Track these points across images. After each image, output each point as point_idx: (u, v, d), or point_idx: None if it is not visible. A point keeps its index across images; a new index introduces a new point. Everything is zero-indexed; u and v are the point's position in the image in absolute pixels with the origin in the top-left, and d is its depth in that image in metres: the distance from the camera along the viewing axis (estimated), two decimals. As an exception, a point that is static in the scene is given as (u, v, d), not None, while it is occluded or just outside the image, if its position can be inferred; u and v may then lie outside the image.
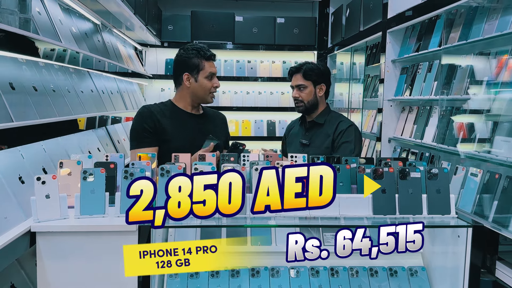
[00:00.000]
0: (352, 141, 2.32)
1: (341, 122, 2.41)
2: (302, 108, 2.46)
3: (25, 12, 1.77)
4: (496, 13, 2.17)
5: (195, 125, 2.13)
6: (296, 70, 2.48)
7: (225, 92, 5.23)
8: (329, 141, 2.36)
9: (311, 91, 2.44)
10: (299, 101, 2.45)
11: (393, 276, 1.57)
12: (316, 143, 2.41)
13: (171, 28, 5.06)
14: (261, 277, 1.54)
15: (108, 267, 1.35)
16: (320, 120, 2.45)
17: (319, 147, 2.36)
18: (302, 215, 1.39)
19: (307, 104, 2.44)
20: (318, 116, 2.47)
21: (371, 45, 4.01)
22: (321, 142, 2.39)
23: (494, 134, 2.06)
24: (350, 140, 2.33)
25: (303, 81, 2.43)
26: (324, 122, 2.45)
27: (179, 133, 2.06)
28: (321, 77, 2.46)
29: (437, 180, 1.43)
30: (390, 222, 1.40)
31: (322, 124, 2.45)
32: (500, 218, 1.82)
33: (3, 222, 1.35)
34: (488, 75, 2.21)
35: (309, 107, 2.45)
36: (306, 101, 2.43)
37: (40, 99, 1.93)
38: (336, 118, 2.47)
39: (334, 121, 2.43)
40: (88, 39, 2.74)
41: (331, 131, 2.39)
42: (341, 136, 2.34)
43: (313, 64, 2.49)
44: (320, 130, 2.44)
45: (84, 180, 1.37)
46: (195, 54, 2.08)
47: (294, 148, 2.50)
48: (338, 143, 2.33)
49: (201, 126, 2.16)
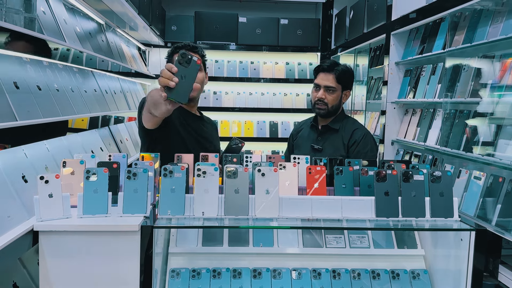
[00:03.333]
0: (368, 152, 2.21)
1: (356, 130, 2.28)
2: (324, 111, 2.27)
3: (30, 12, 1.78)
4: (501, 16, 2.17)
5: (198, 125, 2.13)
6: (329, 68, 2.26)
7: (228, 93, 5.24)
8: (343, 148, 2.24)
9: (338, 96, 2.27)
10: (324, 103, 2.26)
11: (395, 278, 1.57)
12: (330, 149, 2.27)
13: (175, 29, 5.07)
14: (262, 278, 1.54)
15: (110, 267, 1.35)
16: (335, 126, 2.30)
17: (333, 155, 2.23)
18: (304, 216, 1.39)
19: (330, 108, 2.27)
20: (333, 121, 2.32)
21: (374, 47, 4.01)
22: (335, 149, 2.26)
23: (498, 137, 2.06)
24: (366, 151, 2.21)
25: (335, 83, 2.25)
26: (339, 128, 2.30)
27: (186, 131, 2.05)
28: (350, 83, 2.31)
29: (440, 183, 1.42)
30: (393, 225, 1.40)
31: (337, 130, 2.30)
32: (504, 222, 1.82)
33: (6, 221, 1.36)
34: (492, 78, 2.20)
35: (331, 111, 2.28)
36: (331, 105, 2.26)
37: (44, 99, 1.94)
38: (351, 124, 2.33)
39: (349, 128, 2.29)
40: (92, 39, 2.74)
41: (346, 139, 2.26)
42: (357, 145, 2.23)
43: (344, 66, 2.31)
44: (334, 136, 2.30)
45: (87, 179, 1.38)
46: (173, 50, 2.05)
47: (304, 153, 2.36)
48: (353, 152, 2.22)
49: (202, 127, 2.16)
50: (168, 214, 1.36)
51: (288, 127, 5.24)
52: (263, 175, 1.38)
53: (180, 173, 1.37)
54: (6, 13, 1.55)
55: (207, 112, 2.51)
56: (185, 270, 1.52)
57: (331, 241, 1.61)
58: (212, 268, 1.54)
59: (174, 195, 1.37)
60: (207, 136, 2.15)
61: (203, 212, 1.37)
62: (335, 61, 2.34)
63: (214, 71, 5.16)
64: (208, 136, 2.16)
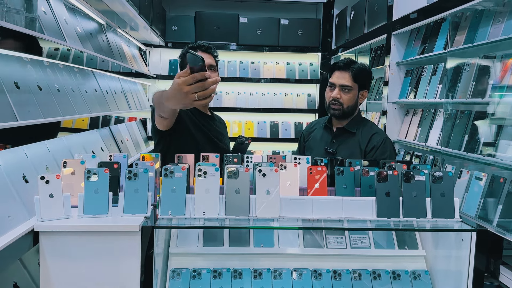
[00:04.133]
0: (387, 159, 2.01)
1: (375, 135, 2.14)
2: (339, 112, 2.14)
3: (31, 12, 1.77)
4: (502, 17, 2.17)
5: (210, 125, 2.14)
6: (346, 66, 2.14)
7: (228, 93, 5.24)
8: (359, 153, 2.11)
9: (354, 96, 2.14)
10: (339, 103, 2.13)
11: (396, 279, 1.57)
12: (345, 153, 2.13)
13: (175, 29, 5.07)
14: (263, 278, 1.53)
15: (111, 267, 1.35)
16: (351, 129, 2.16)
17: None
18: (305, 217, 1.39)
19: (346, 109, 2.13)
20: (350, 124, 2.18)
21: (375, 47, 4.00)
22: (350, 153, 2.11)
23: (499, 138, 2.06)
24: (385, 157, 2.08)
25: (351, 82, 2.12)
26: (356, 132, 2.16)
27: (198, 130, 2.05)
28: (368, 82, 2.18)
29: (441, 184, 1.42)
30: (394, 226, 1.40)
31: (354, 133, 2.16)
32: (505, 222, 1.81)
33: (6, 221, 1.35)
34: (494, 79, 2.20)
35: (346, 112, 2.15)
36: (346, 105, 2.13)
37: (44, 99, 1.94)
38: (370, 128, 2.19)
39: (367, 132, 2.15)
40: (92, 39, 2.74)
41: (363, 144, 2.12)
42: (375, 151, 2.09)
43: (361, 64, 2.18)
44: (351, 139, 2.16)
45: (87, 179, 1.37)
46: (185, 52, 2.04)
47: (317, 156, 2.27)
48: (372, 158, 2.08)
49: (214, 127, 2.17)
50: (168, 214, 1.36)
51: (289, 128, 5.24)
52: (264, 175, 1.38)
53: (181, 173, 1.37)
54: (7, 13, 1.55)
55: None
56: (185, 271, 1.52)
57: (332, 241, 1.61)
58: (212, 268, 1.53)
59: (174, 195, 1.37)
60: (219, 136, 2.15)
61: (203, 213, 1.37)
62: (351, 59, 2.21)
63: (215, 71, 5.15)
64: (219, 135, 2.17)
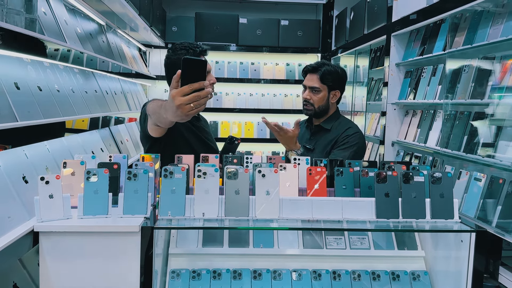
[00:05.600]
0: (348, 149, 2.15)
1: (348, 129, 2.25)
2: (311, 112, 2.29)
3: (31, 13, 1.78)
4: (501, 18, 2.17)
5: (199, 126, 2.14)
6: (313, 69, 2.27)
7: (228, 94, 5.24)
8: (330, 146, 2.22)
9: (324, 96, 2.26)
10: (310, 104, 2.27)
11: (396, 280, 1.57)
12: (320, 149, 2.26)
13: (175, 30, 5.07)
14: (263, 279, 1.53)
15: (111, 268, 1.35)
16: (327, 126, 2.29)
17: (322, 153, 2.23)
18: (304, 217, 1.39)
19: (317, 109, 2.27)
20: (326, 121, 2.31)
21: (375, 48, 4.01)
22: (324, 149, 2.24)
23: (498, 138, 2.06)
24: (348, 146, 2.16)
25: (318, 84, 2.24)
26: (330, 128, 2.28)
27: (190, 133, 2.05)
28: (337, 83, 2.27)
29: (440, 185, 1.42)
30: (393, 226, 1.40)
31: (329, 130, 2.29)
32: (504, 223, 1.82)
33: (6, 222, 1.36)
34: (493, 80, 2.20)
35: (318, 112, 2.28)
36: (317, 105, 2.26)
37: (44, 99, 1.94)
38: (344, 125, 2.30)
39: (341, 128, 2.27)
40: (92, 40, 2.75)
41: (336, 138, 2.23)
42: (342, 140, 2.19)
43: (331, 66, 2.28)
44: (326, 136, 2.28)
45: (87, 180, 1.38)
46: (185, 54, 2.01)
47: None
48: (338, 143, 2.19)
49: (204, 127, 2.17)
50: (168, 215, 1.36)
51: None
52: (263, 176, 1.38)
53: (180, 174, 1.38)
54: (7, 14, 1.56)
55: (208, 112, 2.53)
56: (185, 271, 1.52)
57: (331, 242, 1.61)
58: (212, 269, 1.54)
59: (174, 196, 1.37)
60: (208, 136, 2.17)
61: (203, 213, 1.37)
62: (323, 61, 2.32)
63: (214, 72, 5.16)
64: (208, 135, 2.18)
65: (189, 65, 1.24)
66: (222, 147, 2.24)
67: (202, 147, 2.05)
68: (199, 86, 1.24)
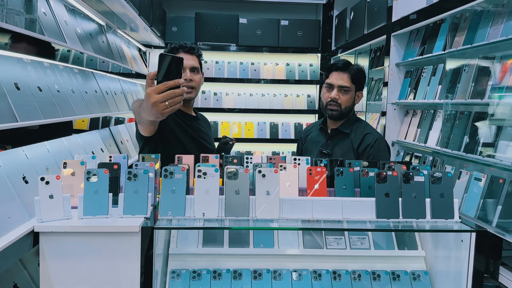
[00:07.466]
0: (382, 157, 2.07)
1: (368, 135, 2.15)
2: (337, 113, 2.15)
3: (31, 13, 1.78)
4: (501, 18, 2.17)
5: (195, 126, 2.14)
6: (344, 67, 2.15)
7: (228, 94, 5.24)
8: (352, 153, 2.13)
9: (352, 96, 2.16)
10: (337, 104, 2.14)
11: (396, 280, 1.57)
12: (339, 154, 2.15)
13: (175, 30, 5.07)
14: (263, 279, 1.54)
15: (111, 268, 1.35)
16: (345, 129, 2.18)
17: None
18: (305, 217, 1.39)
19: (344, 110, 2.15)
20: (344, 124, 2.20)
21: (375, 48, 4.01)
22: (343, 153, 2.14)
23: (498, 138, 2.06)
24: (380, 156, 2.09)
25: (349, 83, 2.13)
26: (350, 132, 2.17)
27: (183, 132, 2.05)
28: (363, 83, 2.21)
29: (440, 184, 1.42)
30: (393, 226, 1.40)
31: (348, 133, 2.17)
32: (504, 223, 1.82)
33: (6, 222, 1.35)
34: (493, 80, 2.20)
35: (344, 113, 2.16)
36: (344, 106, 2.14)
37: (44, 99, 1.94)
38: (363, 128, 2.20)
39: (360, 132, 2.17)
40: (92, 40, 2.75)
41: (356, 143, 2.14)
42: (369, 150, 2.11)
43: (358, 65, 2.21)
44: (344, 140, 2.17)
45: (87, 180, 1.38)
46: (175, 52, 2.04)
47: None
48: (364, 158, 2.09)
49: (199, 127, 2.17)
50: (168, 215, 1.37)
51: (289, 128, 5.24)
52: (263, 176, 1.39)
53: (180, 174, 1.38)
54: (7, 14, 1.56)
55: (208, 113, 2.52)
56: (185, 271, 1.52)
57: (331, 242, 1.61)
58: (212, 269, 1.54)
59: (174, 196, 1.37)
60: (204, 136, 2.16)
61: (203, 213, 1.37)
62: (348, 60, 2.23)
63: (214, 72, 5.16)
64: (205, 135, 2.17)
65: (164, 61, 1.22)
66: (216, 148, 2.24)
67: (195, 146, 2.03)
68: (174, 84, 1.22)
